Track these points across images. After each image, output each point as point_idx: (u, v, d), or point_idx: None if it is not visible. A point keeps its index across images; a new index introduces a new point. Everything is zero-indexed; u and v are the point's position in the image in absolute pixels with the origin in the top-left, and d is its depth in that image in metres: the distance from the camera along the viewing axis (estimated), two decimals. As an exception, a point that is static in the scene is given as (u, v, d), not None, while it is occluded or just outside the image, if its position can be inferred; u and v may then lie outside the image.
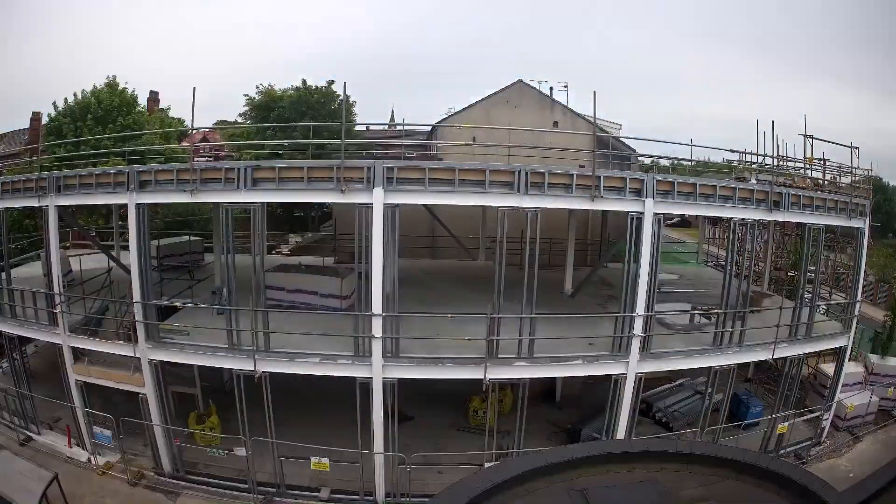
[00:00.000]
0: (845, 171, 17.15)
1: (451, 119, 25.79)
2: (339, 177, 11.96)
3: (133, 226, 12.97)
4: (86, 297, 14.87)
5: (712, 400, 14.49)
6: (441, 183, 12.23)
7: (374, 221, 11.91)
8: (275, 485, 13.58)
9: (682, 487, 3.73)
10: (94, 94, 26.22)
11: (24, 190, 14.80)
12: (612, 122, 28.17)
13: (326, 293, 15.29)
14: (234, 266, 12.79)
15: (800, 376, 16.01)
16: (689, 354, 13.93)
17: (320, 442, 13.30)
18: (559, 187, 12.46)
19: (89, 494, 13.48)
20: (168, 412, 13.91)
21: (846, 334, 16.60)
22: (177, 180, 12.72)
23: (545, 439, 15.71)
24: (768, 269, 22.17)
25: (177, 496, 13.68)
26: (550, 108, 26.37)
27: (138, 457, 14.54)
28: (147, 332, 13.28)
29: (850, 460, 16.18)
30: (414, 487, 13.09)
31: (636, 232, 12.65)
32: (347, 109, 31.78)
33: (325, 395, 14.33)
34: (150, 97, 38.72)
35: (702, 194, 13.32)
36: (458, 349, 12.75)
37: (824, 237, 15.90)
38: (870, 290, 29.61)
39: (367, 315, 12.40)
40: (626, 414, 13.41)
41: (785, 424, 15.53)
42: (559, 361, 13.07)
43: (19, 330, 15.38)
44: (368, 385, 12.56)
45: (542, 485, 3.70)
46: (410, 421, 15.35)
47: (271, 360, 12.71)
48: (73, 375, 14.40)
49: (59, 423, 15.81)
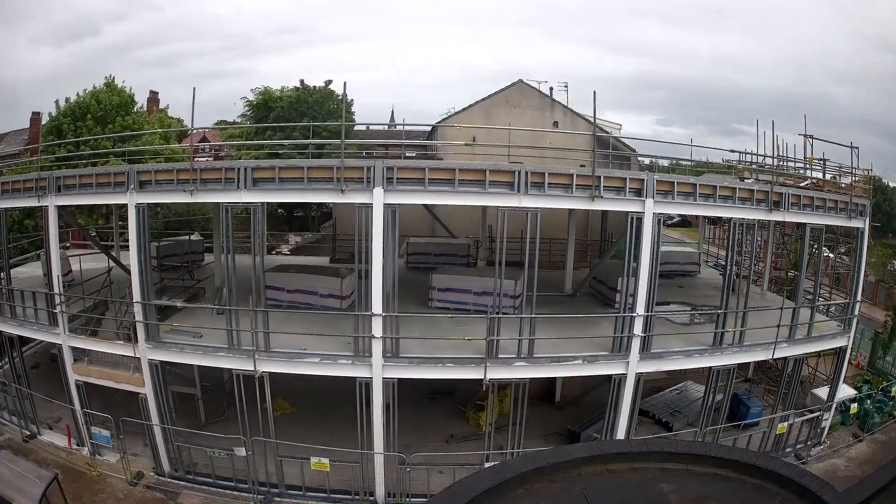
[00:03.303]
0: (845, 171, 17.15)
1: (451, 119, 25.80)
2: (338, 177, 11.95)
3: (133, 226, 12.96)
4: (86, 297, 14.88)
5: (714, 400, 14.49)
6: (441, 183, 12.22)
7: (374, 221, 11.90)
8: (275, 485, 13.59)
9: (682, 487, 3.73)
10: (93, 94, 26.21)
11: (24, 190, 14.80)
12: (612, 123, 28.21)
13: (326, 293, 15.30)
14: (235, 266, 12.80)
15: (799, 376, 16.01)
16: (689, 354, 13.92)
17: (320, 442, 13.31)
18: (559, 187, 12.45)
19: (89, 494, 13.48)
20: (168, 412, 13.91)
21: (846, 334, 16.60)
22: (177, 180, 12.71)
23: (545, 440, 15.72)
24: (768, 269, 22.17)
25: (176, 496, 13.67)
26: (550, 108, 26.38)
27: (138, 457, 14.55)
28: (147, 332, 13.28)
29: (850, 460, 16.19)
30: (414, 487, 13.10)
31: (636, 232, 12.66)
32: (347, 109, 31.80)
33: (325, 395, 14.36)
34: (149, 97, 38.75)
35: (702, 194, 13.31)
36: (458, 349, 12.76)
37: (824, 237, 15.91)
38: (870, 290, 29.62)
39: (367, 315, 12.41)
40: (626, 414, 13.41)
41: (785, 424, 15.54)
42: (559, 361, 13.07)
43: (19, 330, 15.39)
44: (368, 385, 12.57)
45: (542, 485, 3.69)
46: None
47: (271, 360, 12.71)
48: (72, 375, 14.40)
49: (59, 423, 15.82)
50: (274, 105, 32.06)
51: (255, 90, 33.46)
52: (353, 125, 32.11)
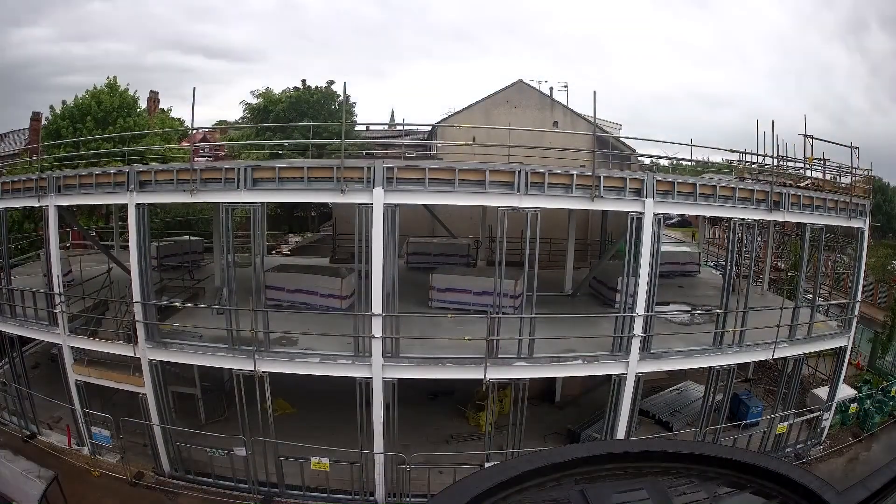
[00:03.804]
0: (845, 171, 17.14)
1: (451, 119, 25.78)
2: (339, 177, 11.95)
3: (133, 226, 12.97)
4: (86, 297, 14.88)
5: (714, 400, 14.49)
6: (441, 183, 12.22)
7: (374, 221, 11.90)
8: (275, 485, 13.59)
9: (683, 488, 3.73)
10: (93, 95, 26.14)
11: (24, 190, 14.79)
12: (612, 123, 28.18)
13: (326, 293, 15.30)
14: (235, 266, 12.80)
15: (799, 376, 16.01)
16: (689, 354, 13.93)
17: (320, 442, 13.32)
18: (559, 187, 12.45)
19: (89, 494, 13.48)
20: (168, 412, 13.91)
21: (846, 334, 16.60)
22: (177, 180, 12.72)
23: (545, 440, 15.70)
24: (768, 269, 22.17)
25: (177, 496, 13.68)
26: (550, 107, 26.36)
27: (138, 457, 14.55)
28: (147, 332, 13.29)
29: (850, 460, 16.19)
30: (414, 487, 13.10)
31: (636, 232, 12.66)
32: (347, 109, 31.80)
33: (325, 394, 14.35)
34: (150, 97, 38.66)
35: (702, 194, 13.31)
36: (458, 349, 12.76)
37: (824, 237, 15.91)
38: (870, 290, 29.58)
39: (367, 315, 12.41)
40: (626, 414, 13.41)
41: (785, 424, 15.54)
42: (559, 361, 13.07)
43: (19, 330, 15.39)
44: (368, 385, 12.57)
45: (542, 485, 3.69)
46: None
47: (271, 360, 12.71)
48: (72, 375, 14.40)
49: (59, 423, 15.82)
50: (273, 108, 32.00)
51: (255, 92, 33.41)
52: (353, 125, 32.13)
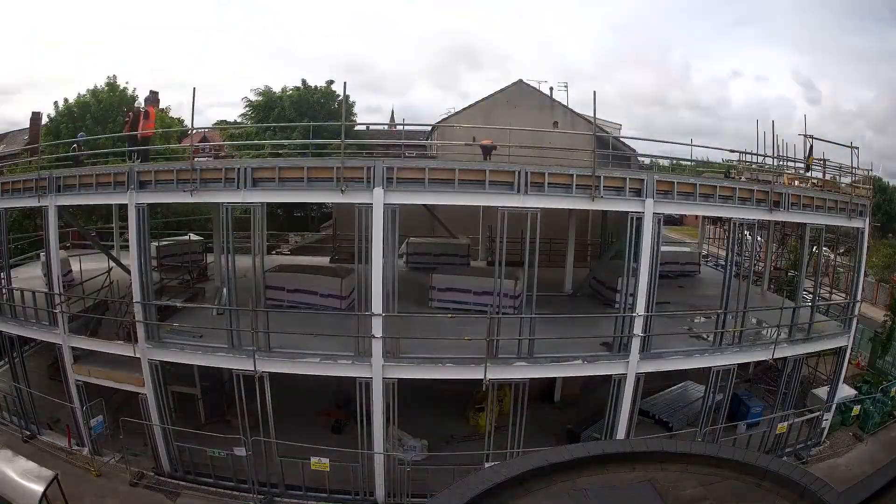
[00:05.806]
0: (845, 171, 17.15)
1: (451, 119, 25.79)
2: (339, 177, 11.95)
3: (133, 226, 12.97)
4: (86, 297, 14.87)
5: (714, 400, 14.49)
6: (441, 183, 12.22)
7: (374, 221, 11.90)
8: (275, 485, 13.58)
9: (682, 487, 3.72)
10: (93, 93, 26.16)
11: (24, 190, 14.81)
12: (612, 123, 28.20)
13: (326, 293, 15.30)
14: (235, 266, 12.79)
15: (799, 376, 16.01)
16: (689, 354, 13.94)
17: (320, 442, 13.31)
18: (559, 187, 12.45)
19: (89, 494, 13.47)
20: (168, 412, 13.91)
21: (846, 334, 16.60)
22: (177, 180, 12.72)
23: (545, 440, 15.70)
24: (768, 269, 22.16)
25: (177, 496, 13.67)
26: (550, 108, 26.38)
27: (138, 457, 14.54)
28: (147, 332, 13.28)
29: (850, 460, 16.18)
30: (414, 487, 13.10)
31: (636, 232, 12.65)
32: (347, 109, 31.81)
33: (326, 395, 14.35)
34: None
35: (702, 194, 13.32)
36: (458, 349, 12.76)
37: (824, 237, 15.92)
38: (870, 290, 29.61)
39: (367, 315, 12.40)
40: (626, 414, 13.41)
41: (785, 424, 15.53)
42: (559, 361, 13.07)
43: (19, 330, 15.39)
44: (368, 385, 12.56)
45: (542, 485, 3.68)
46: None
47: (271, 359, 12.71)
48: (72, 375, 14.40)
49: (58, 423, 15.81)
50: (274, 105, 32.05)
51: (256, 90, 33.49)
52: (353, 125, 32.14)
